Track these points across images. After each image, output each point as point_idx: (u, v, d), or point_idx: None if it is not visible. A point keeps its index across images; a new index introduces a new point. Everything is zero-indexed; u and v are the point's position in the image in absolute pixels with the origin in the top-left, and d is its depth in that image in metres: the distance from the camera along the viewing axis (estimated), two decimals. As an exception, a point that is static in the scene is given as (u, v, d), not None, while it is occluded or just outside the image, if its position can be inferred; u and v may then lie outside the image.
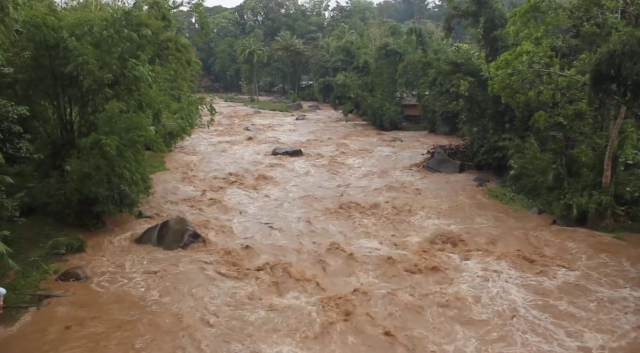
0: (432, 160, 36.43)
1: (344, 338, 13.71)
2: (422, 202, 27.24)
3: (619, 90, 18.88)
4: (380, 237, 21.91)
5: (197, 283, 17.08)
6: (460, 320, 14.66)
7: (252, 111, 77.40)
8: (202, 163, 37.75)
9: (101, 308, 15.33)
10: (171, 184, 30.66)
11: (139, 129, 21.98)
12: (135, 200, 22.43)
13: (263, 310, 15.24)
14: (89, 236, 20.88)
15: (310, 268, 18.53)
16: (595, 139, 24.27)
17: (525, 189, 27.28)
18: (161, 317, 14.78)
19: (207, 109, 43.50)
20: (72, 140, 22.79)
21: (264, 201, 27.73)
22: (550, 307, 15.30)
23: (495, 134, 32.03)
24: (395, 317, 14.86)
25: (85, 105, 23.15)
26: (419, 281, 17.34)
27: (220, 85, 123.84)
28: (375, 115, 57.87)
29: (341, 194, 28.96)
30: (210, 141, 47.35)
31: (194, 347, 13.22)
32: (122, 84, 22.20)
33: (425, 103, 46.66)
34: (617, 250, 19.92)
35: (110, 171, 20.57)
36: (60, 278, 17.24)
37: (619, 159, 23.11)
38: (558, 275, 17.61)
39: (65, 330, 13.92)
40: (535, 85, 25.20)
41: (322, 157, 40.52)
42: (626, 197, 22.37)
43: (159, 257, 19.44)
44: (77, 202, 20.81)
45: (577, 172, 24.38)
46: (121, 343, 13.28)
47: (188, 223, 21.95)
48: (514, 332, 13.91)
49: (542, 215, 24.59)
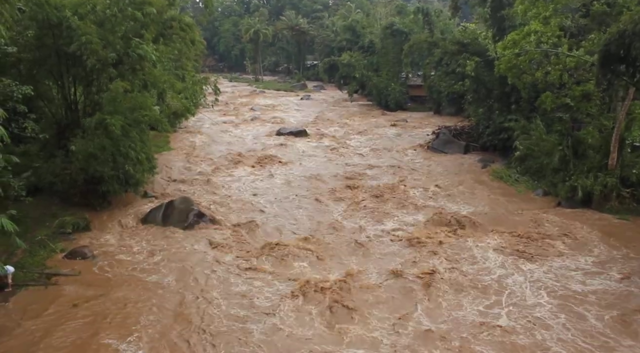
0: (437, 141, 36.30)
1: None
2: (426, 182, 27.23)
3: (628, 71, 18.70)
4: (383, 216, 21.96)
5: (202, 263, 17.20)
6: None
7: (256, 91, 77.06)
8: (207, 143, 37.75)
9: (107, 286, 15.49)
10: (176, 164, 30.72)
11: (143, 109, 21.98)
12: (140, 180, 22.51)
13: (266, 286, 15.36)
14: (94, 215, 21.02)
15: (314, 245, 18.61)
16: (603, 120, 24.06)
17: (530, 171, 27.20)
18: (166, 296, 14.93)
19: (212, 88, 43.52)
20: (77, 120, 22.81)
21: (269, 181, 27.77)
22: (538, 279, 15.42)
23: (501, 115, 31.82)
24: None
25: (90, 84, 23.12)
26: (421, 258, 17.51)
27: (225, 65, 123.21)
28: (380, 96, 57.56)
29: (345, 174, 28.94)
30: (214, 121, 47.28)
31: (198, 326, 13.35)
32: (126, 63, 22.14)
33: (430, 83, 46.31)
34: (622, 231, 19.91)
35: (115, 151, 20.64)
36: (67, 257, 17.43)
37: (626, 141, 22.95)
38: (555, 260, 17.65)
39: (73, 307, 14.10)
40: (542, 65, 24.94)
41: (326, 137, 40.43)
42: (632, 179, 22.25)
43: (164, 237, 19.57)
44: (82, 181, 20.92)
45: (583, 154, 24.24)
46: (127, 321, 13.44)
47: (193, 203, 22.03)
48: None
49: (546, 196, 24.53)
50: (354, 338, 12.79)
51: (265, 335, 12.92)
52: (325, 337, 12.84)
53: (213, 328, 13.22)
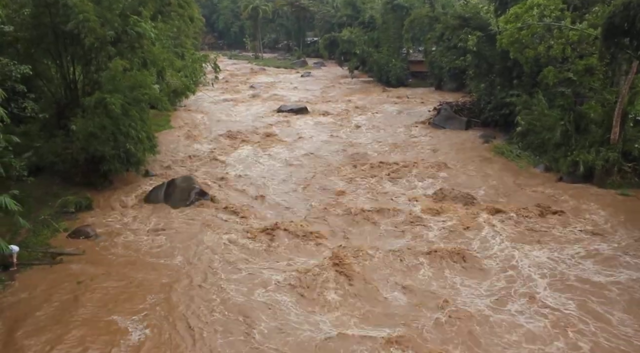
0: (438, 117, 36.12)
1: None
2: (427, 159, 27.19)
3: (632, 43, 18.52)
4: (384, 193, 22.00)
5: (204, 240, 17.30)
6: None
7: (256, 68, 76.47)
8: (207, 121, 37.62)
9: (111, 264, 15.63)
10: (177, 143, 30.69)
11: (143, 87, 21.86)
12: (141, 159, 22.53)
13: (265, 269, 15.48)
14: (96, 195, 21.10)
15: (314, 224, 18.69)
16: (605, 94, 23.87)
17: (532, 146, 27.12)
18: (169, 274, 15.05)
19: (211, 66, 43.17)
20: (77, 99, 22.71)
21: (270, 159, 27.75)
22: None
23: (502, 90, 31.59)
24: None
25: (89, 63, 22.96)
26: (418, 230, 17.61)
27: (224, 43, 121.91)
28: (381, 72, 57.07)
29: (347, 151, 28.90)
30: (215, 99, 47.02)
31: (201, 304, 13.49)
32: (124, 41, 21.94)
33: (432, 59, 45.88)
34: (621, 205, 20.01)
35: (115, 130, 20.61)
36: (71, 236, 17.54)
37: (629, 115, 22.82)
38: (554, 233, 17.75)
39: (77, 285, 14.25)
40: (545, 39, 24.69)
41: (327, 114, 40.24)
42: (634, 153, 22.25)
43: (166, 215, 19.65)
44: (83, 161, 20.94)
45: (585, 129, 24.13)
46: (132, 298, 13.59)
47: (194, 181, 22.06)
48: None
49: (548, 172, 24.52)
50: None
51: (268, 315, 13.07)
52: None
53: (217, 307, 13.35)
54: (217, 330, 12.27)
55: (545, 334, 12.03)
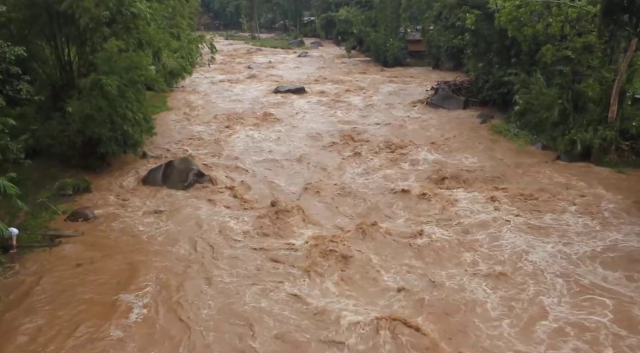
0: (436, 96, 36.00)
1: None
2: (425, 138, 27.16)
3: (631, 21, 18.36)
4: (382, 172, 22.05)
5: (203, 222, 17.35)
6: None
7: (253, 49, 75.83)
8: (204, 102, 37.42)
9: (110, 247, 15.69)
10: (174, 124, 30.58)
11: (139, 68, 21.70)
12: (138, 141, 22.47)
13: (263, 252, 15.54)
14: (94, 177, 21.08)
15: (311, 206, 18.77)
16: (604, 72, 23.76)
17: (529, 125, 27.09)
18: (168, 256, 15.11)
19: (208, 47, 42.82)
20: (72, 81, 22.56)
21: (268, 140, 27.67)
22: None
23: (500, 69, 31.43)
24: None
25: (83, 44, 22.73)
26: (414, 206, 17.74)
27: (220, 23, 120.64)
28: (378, 51, 56.67)
29: (345, 131, 28.83)
30: (211, 80, 46.73)
31: (202, 285, 13.60)
32: (119, 22, 21.70)
33: (429, 38, 45.56)
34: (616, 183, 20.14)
35: (112, 112, 20.51)
36: (69, 218, 17.55)
37: (627, 93, 22.79)
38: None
39: (77, 267, 14.33)
40: (543, 17, 24.52)
41: (325, 94, 40.05)
42: (632, 131, 22.25)
43: (165, 197, 19.68)
44: (80, 143, 20.88)
45: (583, 107, 24.10)
46: (132, 280, 13.66)
47: (192, 162, 22.05)
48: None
49: (545, 150, 24.55)
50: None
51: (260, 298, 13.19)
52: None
53: (216, 287, 13.45)
54: (215, 315, 12.38)
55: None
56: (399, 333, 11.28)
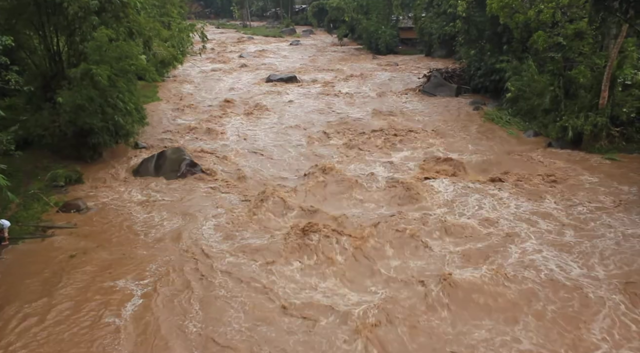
0: (428, 84, 36.00)
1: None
2: (417, 125, 27.22)
3: (621, 7, 18.34)
4: (375, 160, 22.10)
5: (196, 211, 17.34)
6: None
7: (244, 37, 75.37)
8: (196, 91, 37.26)
9: (103, 237, 15.67)
10: (166, 114, 30.44)
11: (129, 58, 21.53)
12: (130, 131, 22.37)
13: (258, 238, 15.59)
14: (86, 168, 21.00)
15: (302, 193, 18.79)
16: (595, 59, 23.82)
17: (521, 112, 27.20)
18: (162, 246, 15.10)
19: (199, 36, 42.51)
20: (62, 71, 22.34)
21: (260, 129, 27.64)
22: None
23: (492, 56, 31.46)
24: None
25: (73, 34, 22.49)
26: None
27: (211, 11, 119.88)
28: (370, 39, 56.51)
29: (337, 119, 28.83)
30: (203, 69, 46.49)
31: (195, 272, 13.63)
32: (109, 10, 21.46)
33: (421, 25, 45.54)
34: (605, 169, 20.35)
35: (103, 102, 20.39)
36: (62, 210, 17.48)
37: (618, 79, 22.83)
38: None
39: (70, 258, 14.30)
40: (535, 3, 24.49)
41: (317, 83, 39.98)
42: (622, 118, 22.34)
43: (157, 187, 19.65)
44: (72, 134, 20.74)
45: (575, 94, 24.18)
46: (127, 270, 13.65)
47: (185, 152, 21.99)
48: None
49: (537, 137, 24.69)
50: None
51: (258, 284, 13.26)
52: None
53: (210, 277, 13.49)
54: (213, 303, 12.44)
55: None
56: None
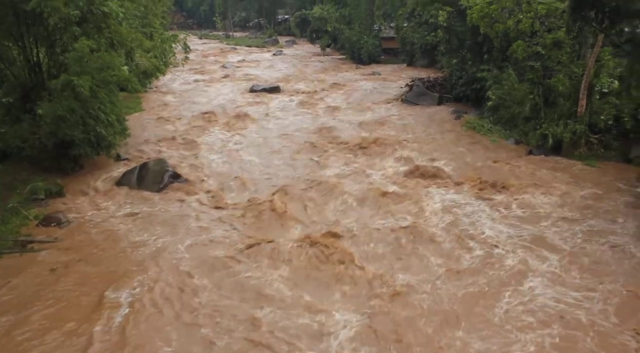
0: (410, 93, 36.28)
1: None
2: (399, 135, 27.37)
3: (597, 17, 18.75)
4: (359, 170, 22.18)
5: (179, 223, 17.21)
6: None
7: (227, 48, 75.36)
8: (179, 102, 37.09)
9: (85, 251, 15.43)
10: (148, 125, 30.23)
11: (111, 69, 21.32)
12: (112, 143, 22.14)
13: (241, 254, 15.51)
14: (67, 180, 20.72)
15: (289, 202, 18.75)
16: (573, 68, 24.28)
17: (502, 120, 27.53)
18: (145, 258, 14.95)
19: (181, 46, 42.34)
20: (42, 82, 22.08)
21: (243, 139, 27.56)
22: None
23: (473, 65, 31.84)
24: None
25: (53, 45, 22.26)
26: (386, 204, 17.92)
27: (194, 22, 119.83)
28: (353, 49, 56.87)
29: (320, 129, 28.88)
30: (186, 80, 46.30)
31: (178, 283, 13.51)
32: (90, 21, 21.30)
33: (403, 35, 45.97)
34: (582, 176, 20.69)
35: (84, 113, 20.18)
36: (42, 223, 17.16)
37: (595, 88, 23.27)
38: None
39: (51, 272, 14.07)
40: (514, 13, 24.91)
41: (300, 93, 40.05)
42: (600, 125, 22.75)
43: (140, 199, 19.45)
44: (52, 146, 20.47)
45: (554, 102, 24.58)
46: (108, 284, 13.44)
47: (167, 164, 21.85)
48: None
49: (518, 145, 25.00)
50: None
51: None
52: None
53: (192, 290, 13.38)
54: (194, 319, 12.34)
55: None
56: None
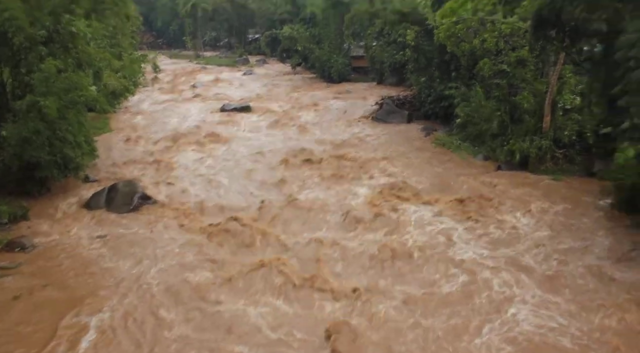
0: (380, 111, 36.65)
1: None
2: (370, 153, 27.56)
3: (558, 36, 19.36)
4: (329, 189, 22.24)
5: (148, 245, 16.93)
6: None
7: (198, 67, 74.98)
8: (149, 123, 36.62)
9: (51, 276, 15.01)
10: (117, 146, 29.76)
11: (79, 89, 21.05)
12: (80, 164, 21.74)
13: (210, 272, 15.33)
14: (33, 203, 20.16)
15: (259, 219, 18.69)
16: (537, 85, 24.96)
17: (471, 137, 28.00)
18: (112, 281, 14.63)
19: (151, 66, 42.09)
20: (6, 103, 21.63)
21: (214, 160, 27.35)
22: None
23: (441, 83, 32.39)
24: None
25: (18, 65, 21.85)
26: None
27: (164, 42, 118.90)
28: (323, 68, 57.22)
29: (291, 149, 28.86)
30: (155, 100, 45.84)
31: (148, 312, 13.24)
32: (56, 41, 21.08)
33: (372, 54, 46.54)
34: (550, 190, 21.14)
35: (51, 134, 19.81)
36: (5, 249, 16.61)
37: (558, 104, 23.95)
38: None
39: (14, 300, 13.60)
40: (479, 33, 25.53)
41: (271, 112, 40.00)
42: (564, 140, 23.39)
43: (109, 221, 19.08)
44: (17, 168, 19.98)
45: (520, 119, 25.16)
46: (75, 310, 13.08)
47: (137, 185, 21.53)
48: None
49: (487, 161, 25.46)
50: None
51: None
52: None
53: (164, 315, 13.13)
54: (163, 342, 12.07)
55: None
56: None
